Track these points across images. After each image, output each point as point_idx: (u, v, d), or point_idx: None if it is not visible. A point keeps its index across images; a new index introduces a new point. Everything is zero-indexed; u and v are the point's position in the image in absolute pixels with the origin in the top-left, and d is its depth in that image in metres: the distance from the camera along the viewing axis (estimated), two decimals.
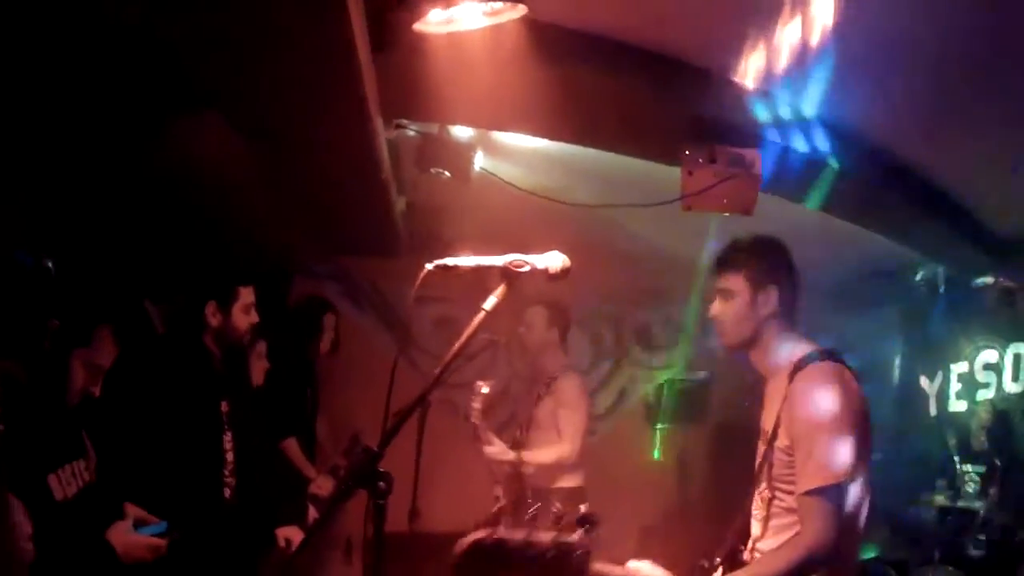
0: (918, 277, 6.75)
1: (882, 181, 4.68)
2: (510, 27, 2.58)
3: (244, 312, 3.68)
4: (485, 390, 4.69)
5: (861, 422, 2.48)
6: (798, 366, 2.53)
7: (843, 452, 2.39)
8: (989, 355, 6.39)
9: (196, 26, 2.51)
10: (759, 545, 2.65)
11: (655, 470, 7.25)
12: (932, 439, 6.50)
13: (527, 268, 2.05)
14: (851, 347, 7.01)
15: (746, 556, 2.69)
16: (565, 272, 2.08)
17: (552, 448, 4.99)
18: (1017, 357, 6.10)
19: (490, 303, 2.02)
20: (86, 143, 3.89)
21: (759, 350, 2.69)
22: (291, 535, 3.90)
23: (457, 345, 2.01)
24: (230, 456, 3.71)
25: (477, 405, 4.71)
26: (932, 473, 6.08)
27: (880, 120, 4.18)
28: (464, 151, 4.22)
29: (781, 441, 2.52)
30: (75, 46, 2.84)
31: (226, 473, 3.68)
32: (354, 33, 2.40)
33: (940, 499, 5.68)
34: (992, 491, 5.40)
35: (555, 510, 4.85)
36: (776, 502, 2.57)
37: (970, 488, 5.65)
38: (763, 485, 2.63)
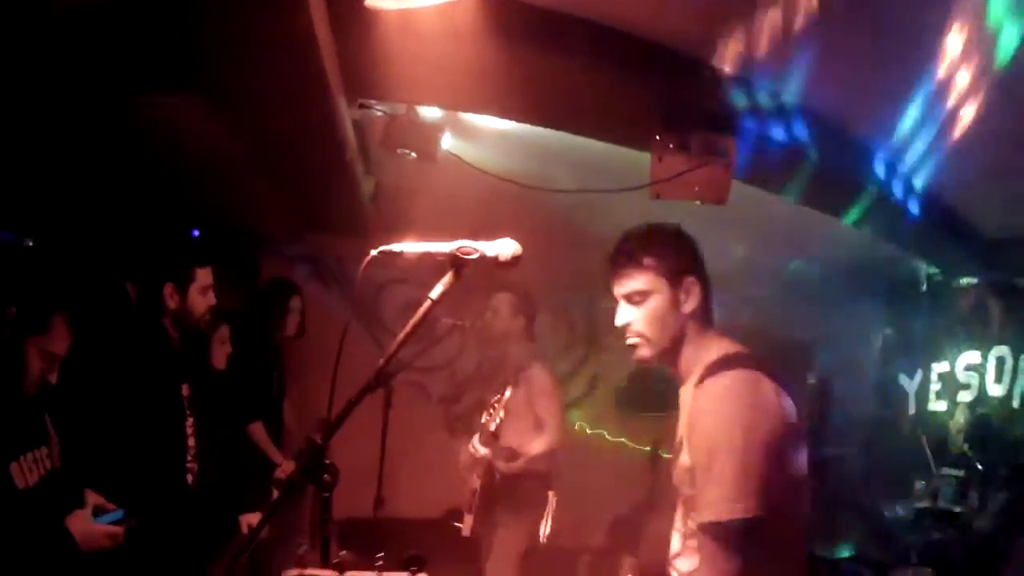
0: (901, 274, 6.79)
1: (863, 175, 4.63)
2: (473, 5, 2.50)
3: (201, 294, 3.62)
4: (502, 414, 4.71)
5: (779, 443, 2.11)
6: (707, 372, 2.23)
7: (750, 482, 2.04)
8: (971, 356, 6.36)
9: (157, 7, 2.47)
10: (676, 563, 2.37)
11: (627, 457, 7.27)
12: (910, 439, 6.51)
13: (476, 255, 2.01)
14: (830, 342, 7.16)
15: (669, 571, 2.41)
16: (516, 260, 2.04)
17: (540, 441, 5.02)
18: (1000, 360, 6.08)
19: (436, 291, 1.99)
20: (45, 126, 3.82)
21: (678, 355, 2.39)
22: (254, 522, 3.86)
23: (402, 334, 1.98)
24: (191, 441, 3.66)
25: (492, 426, 4.74)
26: (909, 473, 6.10)
27: (863, 113, 4.13)
28: (431, 132, 4.17)
29: (683, 459, 2.24)
30: (33, 27, 2.78)
31: (188, 459, 3.63)
32: (311, 12, 2.34)
33: (918, 500, 5.68)
34: (970, 494, 5.41)
35: (523, 495, 4.93)
36: (689, 521, 2.27)
37: (948, 490, 5.60)
38: (680, 498, 2.35)
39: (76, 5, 2.58)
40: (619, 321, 2.42)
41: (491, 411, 4.96)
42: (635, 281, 2.36)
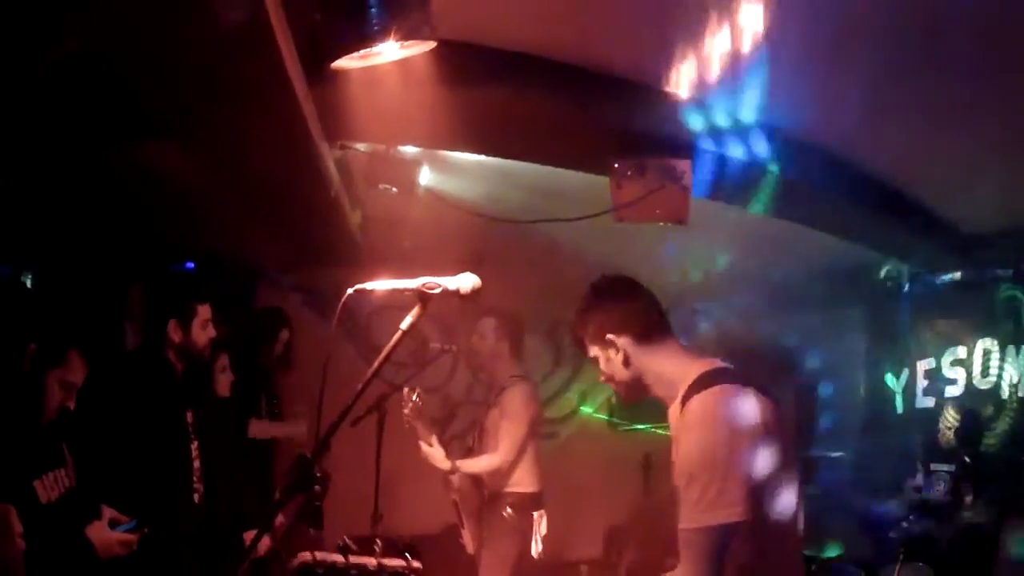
0: (882, 275, 6.76)
1: (828, 183, 4.72)
2: (430, 56, 2.76)
3: (202, 328, 3.91)
4: (414, 397, 5.00)
5: (758, 453, 2.22)
6: (689, 391, 2.35)
7: (728, 492, 2.15)
8: (956, 351, 6.31)
9: (148, 67, 2.71)
10: None
11: (619, 472, 7.39)
12: (899, 437, 6.51)
13: (439, 290, 2.16)
14: (816, 345, 7.25)
15: None
16: (475, 293, 2.20)
17: (484, 458, 5.22)
18: (986, 353, 6.01)
19: (406, 323, 2.14)
20: (50, 169, 4.08)
21: (648, 386, 2.54)
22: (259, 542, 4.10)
23: (378, 360, 2.12)
24: (197, 463, 3.94)
25: (406, 410, 4.98)
26: (900, 471, 6.05)
27: (822, 122, 4.23)
28: (409, 167, 4.40)
29: (675, 475, 2.35)
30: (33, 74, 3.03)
31: (195, 479, 3.91)
32: (287, 68, 2.61)
33: (908, 497, 5.65)
34: (962, 489, 5.36)
35: (506, 514, 5.16)
36: None
37: (939, 486, 5.51)
38: None
39: (76, 52, 2.82)
40: (602, 380, 2.66)
41: (475, 433, 5.32)
42: (587, 350, 2.62)
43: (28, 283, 4.50)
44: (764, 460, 2.22)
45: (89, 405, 3.43)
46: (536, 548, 5.13)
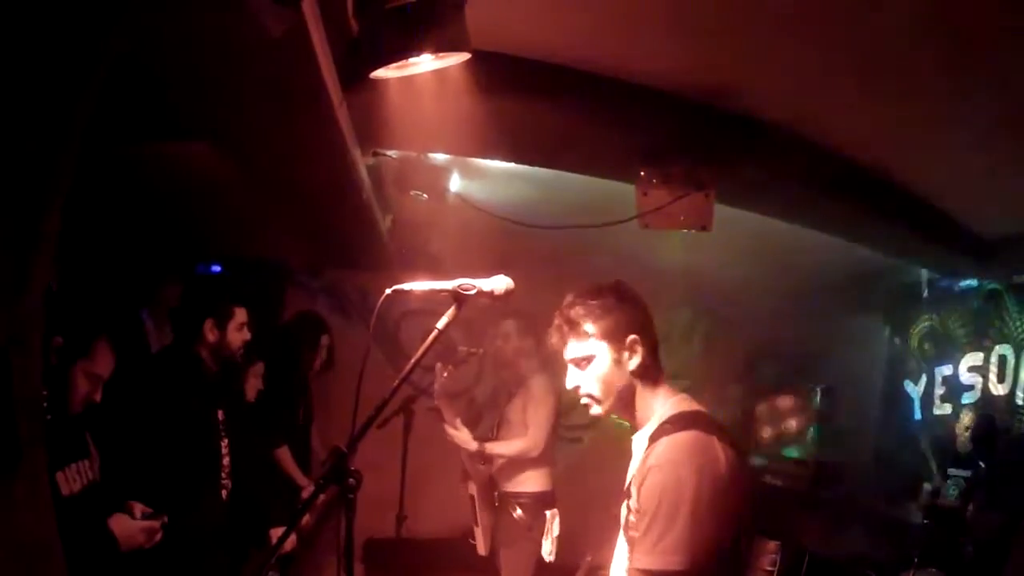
0: (901, 281, 6.79)
1: (845, 188, 4.72)
2: (465, 66, 2.82)
3: (238, 330, 3.97)
4: (445, 374, 4.98)
5: (722, 504, 2.19)
6: (660, 429, 2.31)
7: (685, 538, 2.13)
8: (973, 358, 6.31)
9: (188, 70, 2.78)
10: None
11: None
12: (917, 442, 6.55)
13: (474, 291, 2.22)
14: (836, 352, 7.22)
15: None
16: (508, 294, 2.26)
17: (516, 441, 5.19)
18: (1002, 359, 6.01)
19: (442, 322, 2.20)
20: (86, 163, 4.16)
21: (631, 408, 2.46)
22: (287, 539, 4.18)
23: (414, 359, 2.17)
24: (226, 461, 4.00)
25: (437, 386, 4.97)
26: (917, 476, 6.13)
27: (841, 126, 4.23)
28: (439, 174, 4.50)
29: (632, 503, 2.33)
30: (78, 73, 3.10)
31: (223, 476, 3.98)
32: (324, 78, 2.70)
33: (925, 502, 5.68)
34: (977, 494, 5.36)
35: (516, 516, 5.17)
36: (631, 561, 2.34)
37: (955, 491, 5.57)
38: (626, 540, 2.42)
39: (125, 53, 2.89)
40: (568, 385, 2.49)
41: (496, 422, 5.34)
42: (578, 347, 2.43)
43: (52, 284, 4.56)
44: (726, 512, 2.19)
45: (121, 398, 3.48)
46: (547, 549, 5.06)
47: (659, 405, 2.41)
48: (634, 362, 2.41)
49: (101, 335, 3.25)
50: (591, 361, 2.42)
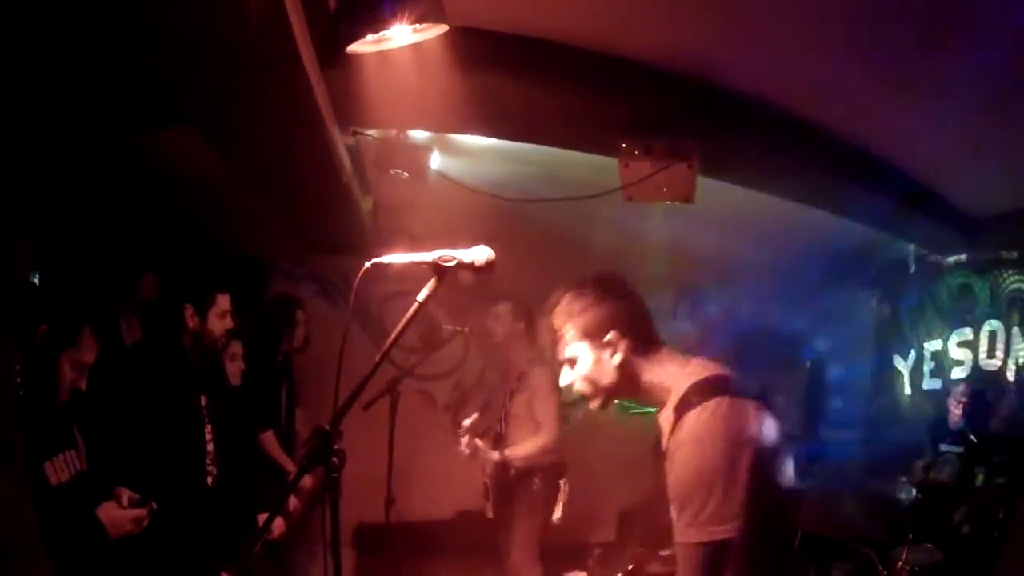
0: (888, 256, 6.82)
1: (833, 164, 4.74)
2: (442, 40, 2.78)
3: (219, 317, 3.92)
4: (467, 422, 5.23)
5: (756, 468, 2.17)
6: (684, 402, 2.27)
7: (725, 507, 2.13)
8: (963, 333, 6.36)
9: (165, 56, 2.73)
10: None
11: (632, 455, 7.44)
12: (907, 418, 6.61)
13: (454, 262, 2.15)
14: (824, 328, 7.29)
15: None
16: (490, 265, 2.18)
17: (533, 440, 5.37)
18: (992, 334, 6.06)
19: (422, 295, 2.13)
20: (66, 156, 4.10)
21: (635, 391, 2.43)
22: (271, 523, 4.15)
23: (395, 332, 2.12)
24: (210, 447, 3.95)
25: (464, 439, 5.19)
26: (908, 452, 6.11)
27: (829, 102, 4.22)
28: (420, 152, 4.45)
29: (670, 479, 2.27)
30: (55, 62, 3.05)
31: (208, 462, 3.93)
32: (302, 59, 2.65)
33: (917, 477, 5.67)
34: (970, 469, 5.39)
35: (535, 486, 5.31)
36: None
37: (947, 467, 5.61)
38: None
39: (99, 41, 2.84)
40: (562, 383, 2.49)
41: (501, 418, 5.44)
42: (563, 348, 2.43)
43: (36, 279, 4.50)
44: (761, 473, 2.16)
45: (103, 386, 3.44)
46: (558, 514, 5.36)
47: (672, 379, 2.35)
48: (616, 359, 2.37)
49: (86, 323, 3.21)
50: (576, 361, 2.40)
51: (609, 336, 2.36)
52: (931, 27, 3.31)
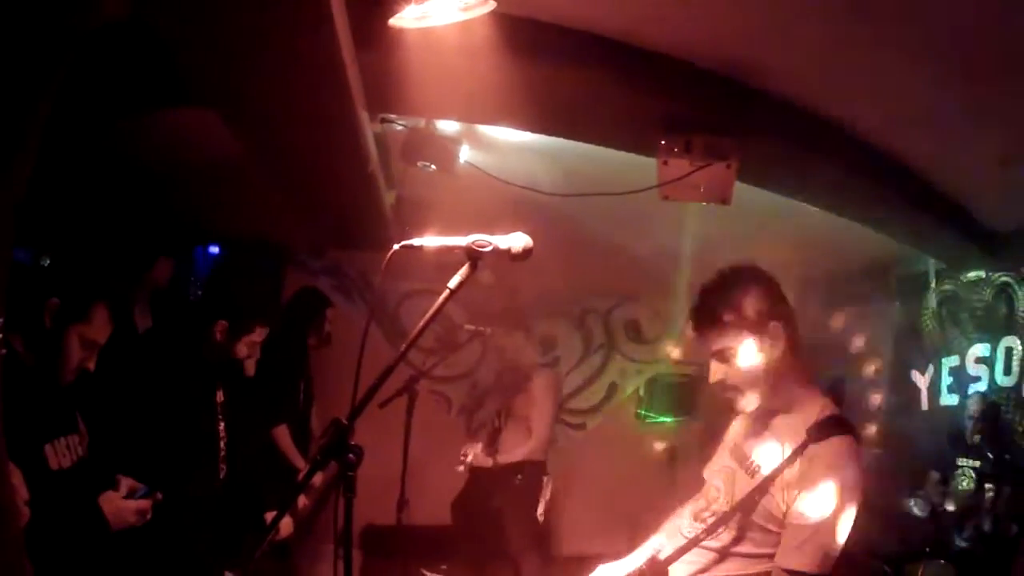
0: (908, 271, 6.77)
1: (862, 172, 4.63)
2: (487, 23, 2.64)
3: (248, 347, 3.89)
4: (469, 458, 5.55)
5: (860, 504, 2.30)
6: (820, 429, 2.27)
7: (839, 539, 2.23)
8: (980, 349, 6.32)
9: (185, 26, 2.58)
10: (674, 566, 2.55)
11: (645, 463, 7.36)
12: (924, 433, 6.52)
13: (490, 248, 2.04)
14: (843, 341, 7.25)
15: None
16: (527, 252, 2.07)
17: (521, 447, 5.55)
18: (1009, 351, 6.01)
19: (454, 282, 2.02)
20: (80, 137, 3.99)
21: (777, 392, 2.41)
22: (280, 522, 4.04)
23: (423, 321, 2.00)
24: (223, 443, 3.86)
25: (461, 469, 5.56)
26: (924, 467, 6.08)
27: (860, 110, 4.14)
28: (449, 144, 4.32)
29: (776, 499, 2.31)
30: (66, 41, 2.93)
31: (220, 457, 3.84)
32: (336, 31, 2.50)
33: (933, 493, 5.67)
34: (986, 485, 5.37)
35: (517, 481, 5.39)
36: (742, 546, 2.38)
37: (963, 482, 5.58)
38: (737, 517, 2.39)
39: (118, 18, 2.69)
40: (712, 379, 2.43)
41: (500, 414, 5.61)
42: (719, 339, 2.37)
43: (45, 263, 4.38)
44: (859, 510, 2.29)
45: (115, 370, 3.29)
46: (540, 510, 5.48)
47: (806, 397, 2.37)
48: (778, 347, 2.34)
49: (100, 300, 3.02)
50: (734, 352, 2.35)
51: (772, 324, 2.34)
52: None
